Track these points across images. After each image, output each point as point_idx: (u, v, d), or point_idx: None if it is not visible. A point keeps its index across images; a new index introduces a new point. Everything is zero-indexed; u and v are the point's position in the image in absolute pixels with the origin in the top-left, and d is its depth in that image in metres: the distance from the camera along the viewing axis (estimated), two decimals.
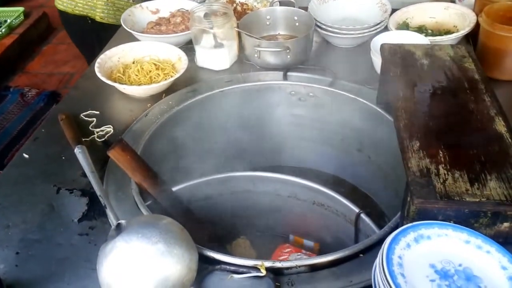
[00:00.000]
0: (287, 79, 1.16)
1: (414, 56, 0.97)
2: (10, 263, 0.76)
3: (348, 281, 0.70)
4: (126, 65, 1.18)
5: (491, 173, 0.70)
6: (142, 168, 0.86)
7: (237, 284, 0.71)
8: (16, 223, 0.83)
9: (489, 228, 0.70)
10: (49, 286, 0.73)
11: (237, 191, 0.99)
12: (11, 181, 0.92)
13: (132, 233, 0.68)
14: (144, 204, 0.82)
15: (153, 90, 1.11)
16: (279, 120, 1.21)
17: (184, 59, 1.15)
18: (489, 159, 0.73)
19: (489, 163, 0.72)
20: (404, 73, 0.92)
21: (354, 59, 1.24)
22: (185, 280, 0.68)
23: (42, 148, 1.00)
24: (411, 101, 0.85)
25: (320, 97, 1.14)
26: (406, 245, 0.66)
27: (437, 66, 0.93)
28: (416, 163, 0.72)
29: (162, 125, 1.03)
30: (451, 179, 0.70)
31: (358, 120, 1.12)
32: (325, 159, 1.24)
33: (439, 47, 0.99)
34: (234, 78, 1.17)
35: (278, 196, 0.99)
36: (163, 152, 1.02)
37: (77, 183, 0.91)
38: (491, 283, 0.63)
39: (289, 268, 0.71)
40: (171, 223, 0.71)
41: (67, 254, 0.78)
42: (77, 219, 0.84)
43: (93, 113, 1.08)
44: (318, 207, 0.97)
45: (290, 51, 1.16)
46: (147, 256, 0.66)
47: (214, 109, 1.11)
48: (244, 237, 1.13)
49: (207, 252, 0.73)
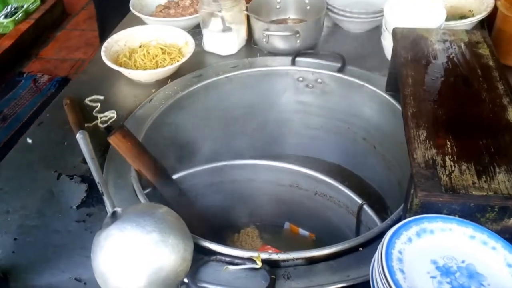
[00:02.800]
0: (295, 65, 1.13)
1: (427, 41, 0.92)
2: (8, 249, 0.76)
3: (345, 276, 0.67)
4: (132, 49, 1.16)
5: (501, 166, 0.66)
6: (143, 155, 0.84)
7: (232, 276, 0.69)
8: (16, 208, 0.83)
9: (496, 223, 0.66)
10: (45, 273, 0.73)
11: (238, 179, 0.97)
12: (13, 166, 0.92)
13: (127, 222, 0.67)
14: (143, 192, 0.81)
15: (158, 75, 1.09)
16: (285, 107, 1.18)
17: (191, 43, 1.13)
18: (499, 150, 0.69)
19: (499, 155, 0.68)
20: (415, 58, 0.88)
21: (365, 45, 1.20)
22: (179, 270, 0.66)
23: (45, 133, 1.00)
24: (420, 88, 0.81)
25: (328, 84, 1.11)
26: (408, 239, 0.63)
27: (449, 52, 0.89)
28: (421, 154, 0.69)
29: (165, 111, 1.01)
30: (458, 171, 0.66)
31: (366, 108, 1.09)
32: (330, 148, 1.21)
33: (452, 33, 0.94)
34: (240, 64, 1.14)
35: (280, 185, 0.97)
36: (166, 138, 1.00)
37: (78, 169, 0.91)
38: (495, 281, 0.59)
39: (286, 261, 0.70)
40: (167, 212, 0.70)
41: (63, 241, 0.78)
42: (76, 206, 0.83)
43: (97, 98, 1.08)
44: (320, 197, 0.95)
45: (299, 35, 1.12)
46: (141, 245, 0.65)
47: (218, 95, 1.09)
48: (254, 226, 1.12)
49: (202, 242, 0.72)
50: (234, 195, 1.00)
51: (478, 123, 0.75)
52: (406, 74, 0.84)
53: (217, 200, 0.99)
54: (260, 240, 1.10)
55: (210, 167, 0.96)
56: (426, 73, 0.84)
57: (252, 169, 0.98)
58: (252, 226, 1.11)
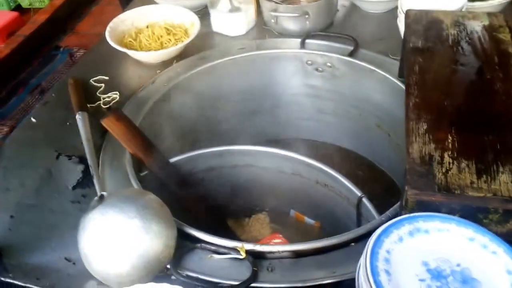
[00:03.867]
0: (304, 47, 1.08)
1: (441, 24, 0.86)
2: (4, 226, 0.78)
3: (331, 272, 0.65)
4: (139, 29, 1.14)
5: (505, 165, 0.61)
6: (137, 138, 0.84)
7: (216, 264, 0.68)
8: (15, 186, 0.85)
9: (501, 225, 0.61)
10: (36, 251, 0.74)
11: (238, 164, 0.95)
12: (16, 144, 0.94)
13: (109, 206, 0.66)
14: (135, 176, 0.81)
15: (162, 56, 1.07)
16: (294, 91, 1.14)
17: (197, 24, 1.10)
18: (505, 148, 0.63)
19: (505, 153, 0.63)
20: (426, 43, 0.82)
21: (381, 27, 1.14)
22: (162, 257, 0.66)
23: (49, 112, 1.01)
24: (427, 76, 0.76)
25: (338, 68, 1.06)
26: (398, 239, 0.59)
27: (465, 37, 0.82)
28: (418, 149, 0.65)
29: (167, 93, 1.00)
30: (456, 169, 0.62)
31: (377, 94, 1.04)
32: (344, 134, 1.17)
33: (472, 15, 0.87)
34: (247, 45, 1.10)
35: (281, 173, 0.94)
36: (166, 121, 0.99)
37: (78, 149, 0.91)
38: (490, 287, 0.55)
39: (271, 253, 0.68)
40: (151, 199, 0.69)
41: (57, 220, 0.79)
42: (71, 186, 0.84)
43: (102, 79, 1.07)
44: (321, 187, 0.92)
45: (309, 16, 1.07)
46: (123, 230, 0.65)
47: (223, 78, 1.06)
48: (266, 213, 1.11)
49: (187, 229, 0.71)
50: (234, 180, 0.98)
51: (486, 116, 0.69)
52: (414, 60, 0.79)
53: (217, 185, 0.98)
54: (270, 227, 1.09)
55: (210, 151, 0.95)
56: (435, 60, 0.79)
57: (253, 155, 0.96)
58: (264, 212, 1.10)
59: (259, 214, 1.11)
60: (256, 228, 1.10)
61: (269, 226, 1.10)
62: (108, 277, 0.66)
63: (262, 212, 1.12)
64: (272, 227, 1.10)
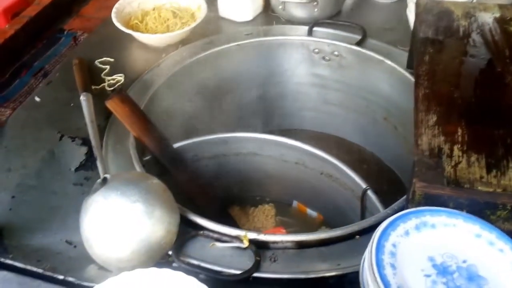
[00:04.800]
0: (312, 35, 1.07)
1: (452, 15, 0.84)
2: (5, 206, 0.77)
3: (335, 264, 0.64)
4: (145, 11, 1.13)
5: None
6: (142, 122, 0.83)
7: (218, 252, 0.67)
8: (17, 167, 0.84)
9: (508, 222, 0.60)
10: (37, 232, 0.73)
11: (242, 152, 0.94)
12: (19, 124, 0.93)
13: (112, 190, 0.65)
14: (138, 160, 0.80)
15: (168, 40, 1.05)
16: (300, 80, 1.13)
17: (204, 8, 1.08)
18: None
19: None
20: (436, 34, 0.81)
21: (391, 16, 1.13)
22: (163, 243, 0.65)
23: (53, 92, 0.99)
24: (437, 67, 0.75)
25: (345, 57, 1.04)
26: (405, 232, 0.58)
27: (476, 29, 0.81)
28: (427, 141, 0.64)
29: (171, 77, 0.98)
30: (465, 162, 0.61)
31: (385, 85, 1.02)
32: (349, 126, 1.16)
33: (483, 7, 0.85)
34: (254, 31, 1.09)
35: (285, 161, 0.93)
36: (171, 106, 0.98)
37: (81, 131, 0.90)
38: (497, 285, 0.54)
39: (275, 243, 0.67)
40: (154, 183, 0.68)
41: (59, 202, 0.78)
42: (74, 168, 0.83)
43: (107, 60, 1.06)
44: (326, 177, 0.91)
45: (317, 3, 1.06)
46: (124, 214, 0.64)
47: (229, 64, 1.05)
48: (273, 205, 1.09)
49: (190, 216, 0.70)
50: (237, 168, 0.97)
51: (496, 110, 0.68)
52: (424, 51, 0.77)
53: (220, 172, 0.97)
54: (274, 220, 1.08)
55: (214, 137, 0.94)
56: (446, 51, 0.77)
57: (257, 143, 0.94)
58: (271, 204, 1.09)
59: (265, 205, 1.09)
60: (260, 219, 1.08)
61: (274, 218, 1.09)
62: (109, 261, 0.65)
63: (269, 204, 1.10)
64: (277, 220, 1.09)
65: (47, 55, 1.26)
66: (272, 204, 1.09)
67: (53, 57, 1.15)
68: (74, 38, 1.38)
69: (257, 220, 1.08)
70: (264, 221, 1.07)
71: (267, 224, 1.07)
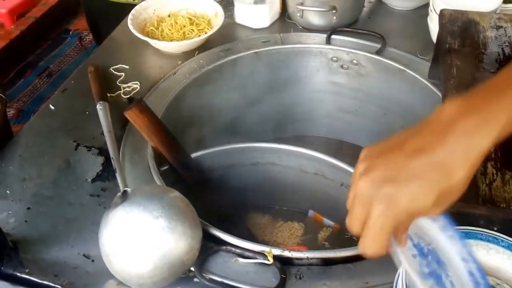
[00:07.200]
0: (331, 43, 1.05)
1: (478, 26, 0.82)
2: (21, 218, 0.76)
3: (363, 282, 0.62)
4: (161, 18, 1.11)
5: None
6: (160, 132, 0.81)
7: (241, 268, 0.66)
8: (32, 176, 0.82)
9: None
10: (54, 246, 0.72)
11: (259, 162, 0.92)
12: (34, 132, 0.91)
13: (134, 204, 0.64)
14: (157, 171, 0.78)
15: (184, 47, 1.04)
16: (317, 87, 1.11)
17: (221, 15, 1.06)
18: None
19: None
20: (463, 46, 0.79)
21: (410, 25, 1.11)
22: (186, 259, 0.64)
23: (68, 100, 0.98)
24: (466, 81, 0.73)
25: (364, 66, 1.03)
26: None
27: (503, 40, 0.79)
28: None
29: (188, 85, 0.96)
30: (500, 180, 0.59)
31: (405, 95, 1.00)
32: (365, 134, 1.14)
33: (509, 18, 0.84)
34: (272, 39, 1.07)
35: (304, 172, 0.92)
36: (187, 114, 0.96)
37: (97, 141, 0.88)
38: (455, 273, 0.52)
39: (300, 259, 0.65)
40: (177, 197, 0.66)
41: (76, 214, 0.76)
42: (91, 179, 0.81)
43: (123, 67, 1.04)
44: (346, 189, 0.89)
45: (336, 11, 1.04)
46: (147, 230, 0.62)
47: (246, 71, 1.03)
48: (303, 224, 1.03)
49: (213, 230, 0.69)
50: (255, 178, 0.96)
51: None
52: (451, 63, 0.75)
53: (237, 182, 0.95)
54: (298, 240, 1.04)
55: (230, 147, 0.92)
56: (473, 63, 0.75)
57: (274, 153, 0.93)
58: (301, 223, 1.05)
59: (295, 222, 1.05)
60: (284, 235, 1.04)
61: (298, 238, 1.05)
62: (129, 277, 0.63)
63: (300, 223, 1.06)
64: (302, 240, 1.06)
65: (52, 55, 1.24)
66: (302, 224, 1.04)
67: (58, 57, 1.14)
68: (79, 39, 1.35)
69: (280, 237, 1.04)
70: (286, 239, 1.04)
71: (288, 243, 1.03)
